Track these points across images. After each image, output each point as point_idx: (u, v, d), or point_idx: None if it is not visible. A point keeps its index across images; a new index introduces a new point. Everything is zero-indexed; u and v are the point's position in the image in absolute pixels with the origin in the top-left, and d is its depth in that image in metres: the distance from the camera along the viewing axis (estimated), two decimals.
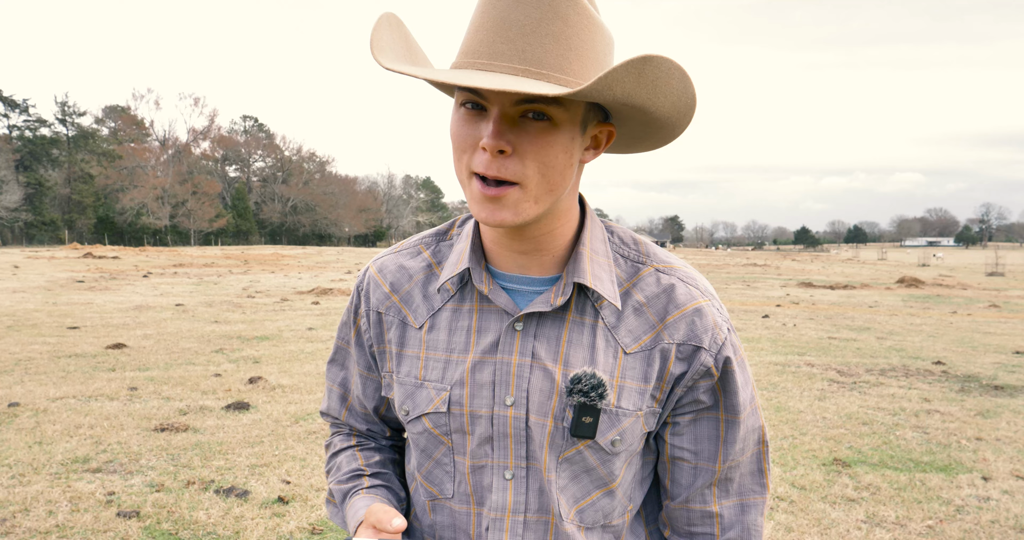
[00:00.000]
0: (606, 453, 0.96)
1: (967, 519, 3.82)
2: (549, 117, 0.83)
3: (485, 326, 0.97)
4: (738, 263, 45.98)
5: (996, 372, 7.99)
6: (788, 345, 9.82)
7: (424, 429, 1.00)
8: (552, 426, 0.94)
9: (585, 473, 0.97)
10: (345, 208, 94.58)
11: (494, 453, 0.97)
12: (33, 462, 4.37)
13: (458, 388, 0.97)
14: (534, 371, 0.95)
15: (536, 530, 0.97)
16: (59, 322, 10.97)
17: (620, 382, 0.95)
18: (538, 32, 0.81)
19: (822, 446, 5.05)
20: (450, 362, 0.98)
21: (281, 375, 7.16)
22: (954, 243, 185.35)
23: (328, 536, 3.47)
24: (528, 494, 0.97)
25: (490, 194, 0.85)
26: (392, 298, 1.04)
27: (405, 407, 1.02)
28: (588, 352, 0.95)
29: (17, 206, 63.72)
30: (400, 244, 1.10)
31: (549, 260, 0.97)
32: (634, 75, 0.76)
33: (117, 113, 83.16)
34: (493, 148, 0.82)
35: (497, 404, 0.96)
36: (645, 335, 0.96)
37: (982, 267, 41.85)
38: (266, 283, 20.71)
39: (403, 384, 1.02)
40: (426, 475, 1.04)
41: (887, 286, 24.10)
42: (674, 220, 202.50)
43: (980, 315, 14.69)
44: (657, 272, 0.99)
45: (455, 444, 0.99)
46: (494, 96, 0.83)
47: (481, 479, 0.99)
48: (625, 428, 0.95)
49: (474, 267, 0.97)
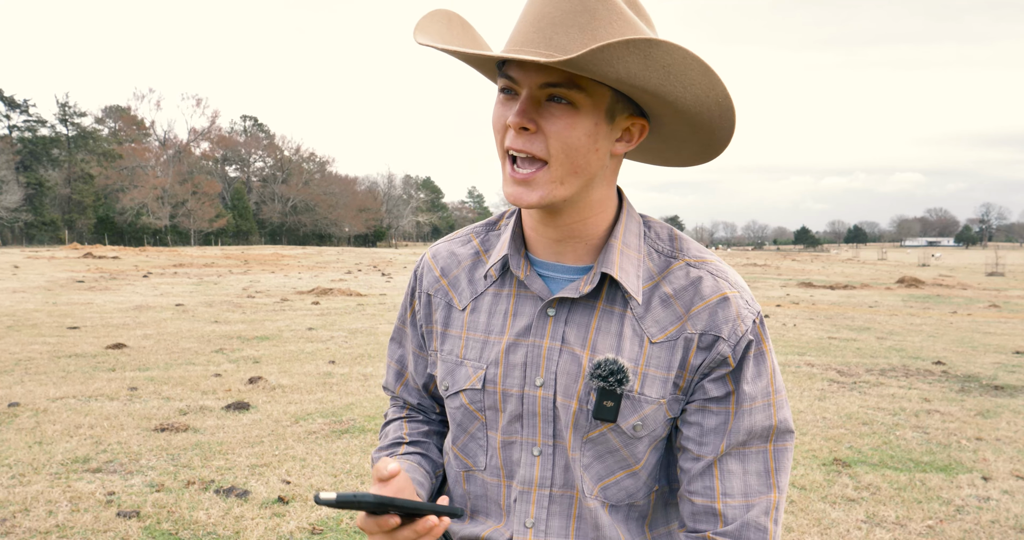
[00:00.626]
0: (628, 437, 1.00)
1: (967, 519, 3.82)
2: (571, 101, 0.89)
3: (521, 310, 1.04)
4: (738, 263, 45.97)
5: (996, 372, 7.99)
6: (788, 345, 9.82)
7: (461, 404, 1.08)
8: (576, 408, 0.99)
9: (609, 454, 1.01)
10: (345, 208, 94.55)
11: (523, 430, 1.03)
12: (33, 462, 4.37)
13: (493, 367, 1.04)
14: (563, 355, 1.00)
15: (561, 504, 1.03)
16: (59, 322, 10.97)
17: (644, 370, 0.99)
18: (566, 23, 0.87)
19: (822, 446, 5.05)
20: (487, 342, 1.05)
21: (281, 375, 7.16)
22: (954, 243, 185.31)
23: (328, 536, 3.47)
24: (554, 470, 1.02)
25: (519, 177, 0.92)
26: (441, 281, 1.13)
27: (445, 383, 1.10)
28: (615, 340, 0.99)
29: (17, 206, 63.70)
30: (455, 232, 1.19)
31: (583, 249, 1.02)
32: (639, 57, 0.80)
33: (117, 113, 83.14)
34: (517, 124, 0.89)
35: (528, 384, 1.02)
36: (671, 326, 0.99)
37: (982, 267, 41.84)
38: (266, 283, 20.72)
39: (445, 361, 1.10)
40: (461, 448, 1.11)
41: (887, 286, 24.10)
42: (674, 220, 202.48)
43: (980, 315, 14.69)
44: (688, 266, 1.02)
45: (488, 420, 1.06)
46: (524, 79, 0.89)
47: (511, 454, 1.05)
48: (647, 414, 0.99)
49: (512, 254, 1.04)
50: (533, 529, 1.04)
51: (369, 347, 9.05)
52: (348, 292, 17.31)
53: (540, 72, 0.88)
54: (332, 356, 8.36)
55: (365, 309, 13.74)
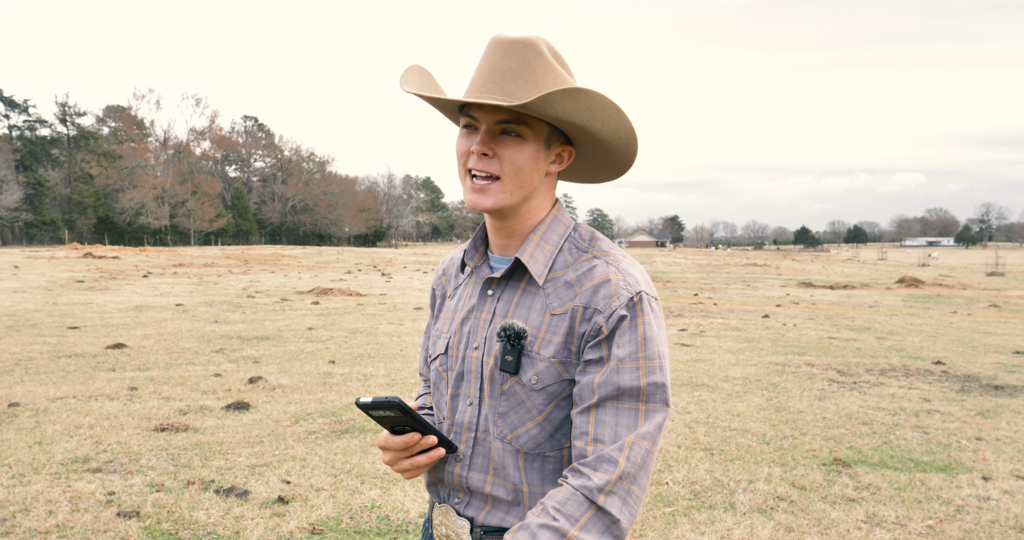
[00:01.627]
0: (529, 389, 1.23)
1: (967, 519, 3.82)
2: (519, 134, 1.20)
3: (473, 292, 1.36)
4: (738, 263, 45.98)
5: (996, 372, 7.99)
6: (788, 345, 9.82)
7: (435, 367, 1.39)
8: (493, 364, 1.26)
9: (519, 405, 1.24)
10: (345, 208, 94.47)
11: (463, 385, 1.32)
12: (33, 462, 4.37)
13: (454, 337, 1.35)
14: (492, 325, 1.28)
15: (483, 445, 1.29)
16: (59, 322, 10.97)
17: (544, 335, 1.23)
18: (515, 76, 1.18)
19: (822, 446, 5.05)
20: (453, 319, 1.37)
21: (281, 375, 7.17)
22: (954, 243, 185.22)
23: (328, 536, 3.47)
24: (479, 417, 1.29)
25: (478, 187, 1.23)
26: (442, 279, 1.49)
27: (430, 351, 1.43)
28: (526, 311, 1.26)
29: (17, 206, 63.67)
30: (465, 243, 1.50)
31: (519, 244, 1.31)
32: (572, 100, 1.13)
33: (117, 113, 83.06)
34: (479, 151, 1.20)
35: (468, 348, 1.31)
36: (569, 301, 1.23)
37: (982, 267, 41.85)
38: (266, 283, 20.72)
39: (432, 336, 1.45)
40: (435, 403, 1.40)
41: (887, 286, 24.11)
42: (674, 220, 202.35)
43: (980, 315, 14.69)
44: (594, 258, 1.27)
45: (448, 379, 1.35)
46: (483, 117, 1.20)
47: (456, 404, 1.33)
48: (541, 370, 1.22)
49: (470, 250, 1.36)
50: (461, 463, 1.30)
51: (369, 347, 9.06)
52: (348, 292, 17.32)
53: (496, 112, 1.18)
54: (332, 356, 8.36)
55: (365, 309, 13.75)
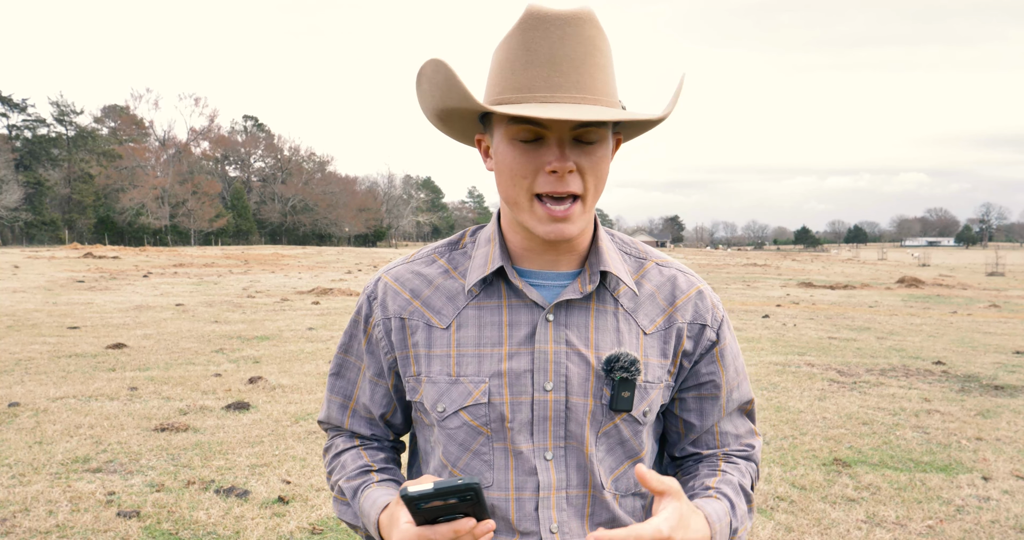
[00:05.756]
0: (638, 424, 1.08)
1: (967, 519, 3.82)
2: (600, 139, 0.99)
3: (516, 320, 1.06)
4: (738, 263, 45.98)
5: (996, 372, 7.99)
6: (788, 345, 9.82)
7: (463, 423, 1.06)
8: (592, 404, 1.05)
9: (619, 445, 1.08)
10: (345, 208, 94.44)
11: (534, 437, 1.05)
12: (33, 462, 4.37)
13: (496, 379, 1.05)
14: (570, 357, 1.05)
15: (575, 504, 1.06)
16: (59, 322, 10.97)
17: (645, 359, 1.08)
18: (587, 64, 0.95)
19: (822, 446, 5.05)
20: (483, 356, 1.06)
21: (281, 375, 7.17)
22: (954, 243, 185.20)
23: (328, 536, 3.47)
24: (568, 471, 1.05)
25: (559, 214, 0.98)
26: (414, 303, 1.11)
27: (440, 405, 1.07)
28: (614, 335, 1.07)
29: (17, 206, 63.66)
30: (410, 255, 1.18)
31: (576, 257, 1.09)
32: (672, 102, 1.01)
33: (117, 113, 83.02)
34: (564, 169, 0.96)
35: (537, 390, 1.04)
36: (659, 317, 1.10)
37: (982, 267, 41.84)
38: (266, 283, 20.72)
39: (435, 383, 1.07)
40: (463, 468, 1.08)
41: (887, 286, 24.11)
42: (674, 220, 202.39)
43: (980, 315, 14.69)
44: (658, 266, 1.14)
45: (494, 433, 1.05)
46: (555, 124, 0.95)
47: (521, 464, 1.05)
48: (652, 400, 1.08)
49: (508, 266, 1.07)
50: (559, 533, 1.04)
51: None
52: (348, 292, 17.32)
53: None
54: (332, 356, 8.36)
55: None
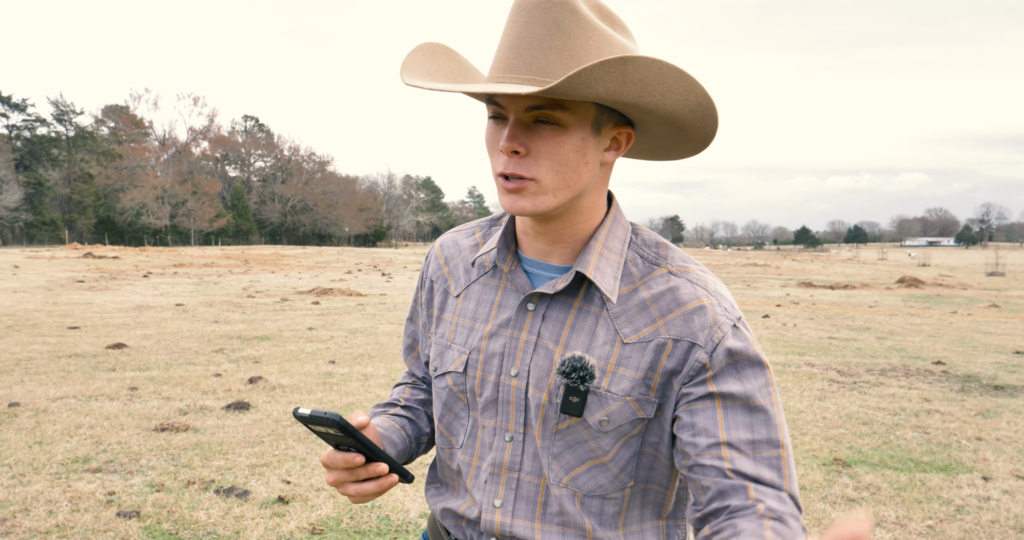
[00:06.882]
0: (595, 431, 1.02)
1: (967, 519, 3.82)
2: (558, 122, 0.93)
3: (505, 302, 1.09)
4: (738, 263, 45.98)
5: (996, 372, 7.99)
6: (788, 345, 9.82)
7: (446, 385, 1.14)
8: (546, 401, 1.03)
9: (579, 444, 1.04)
10: (345, 208, 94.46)
11: (498, 416, 1.09)
12: (33, 462, 4.37)
13: (475, 353, 1.10)
14: (537, 349, 1.05)
15: (528, 489, 1.07)
16: (59, 322, 10.97)
17: (614, 368, 1.01)
18: (544, 46, 0.90)
19: (822, 446, 5.05)
20: (473, 329, 1.12)
21: (281, 375, 7.16)
22: (954, 243, 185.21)
23: (328, 536, 3.47)
24: (523, 457, 1.07)
25: (510, 187, 0.97)
26: (443, 269, 1.20)
27: (435, 363, 1.17)
28: (587, 338, 1.02)
29: (17, 206, 63.67)
30: (465, 224, 1.25)
31: (568, 251, 1.06)
32: (615, 75, 0.84)
33: (117, 113, 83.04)
34: (507, 149, 0.94)
35: (503, 374, 1.07)
36: (645, 328, 1.01)
37: (982, 267, 41.84)
38: (266, 283, 20.71)
39: (437, 344, 1.17)
40: (446, 426, 1.17)
41: (887, 286, 24.10)
42: (674, 220, 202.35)
43: (980, 315, 14.69)
44: (670, 274, 1.04)
45: (470, 402, 1.12)
46: (509, 105, 0.94)
47: (485, 436, 1.11)
48: (613, 411, 1.01)
49: (501, 248, 1.09)
50: (501, 509, 1.08)
51: (369, 347, 9.05)
52: (348, 292, 17.31)
53: (525, 97, 0.91)
54: (332, 356, 8.36)
55: (365, 309, 13.74)
